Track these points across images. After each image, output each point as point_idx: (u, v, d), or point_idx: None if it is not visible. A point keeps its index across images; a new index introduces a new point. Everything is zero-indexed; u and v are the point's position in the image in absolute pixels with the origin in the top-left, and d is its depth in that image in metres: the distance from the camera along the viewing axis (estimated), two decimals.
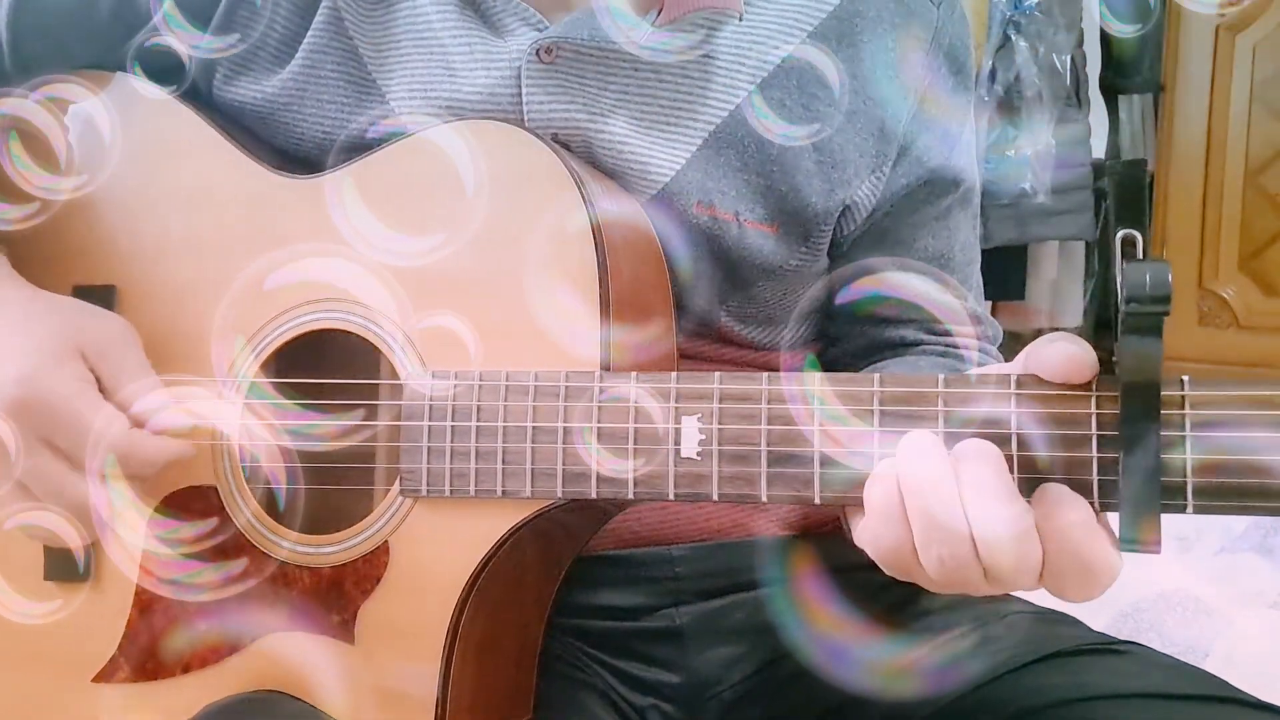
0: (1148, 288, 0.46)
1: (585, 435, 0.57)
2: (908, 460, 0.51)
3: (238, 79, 0.71)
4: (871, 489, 0.52)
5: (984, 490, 0.49)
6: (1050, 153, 2.50)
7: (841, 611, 0.68)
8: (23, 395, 0.58)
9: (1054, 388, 0.51)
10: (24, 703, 0.68)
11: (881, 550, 0.52)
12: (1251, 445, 0.47)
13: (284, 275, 0.66)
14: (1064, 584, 0.50)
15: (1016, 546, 0.49)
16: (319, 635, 0.63)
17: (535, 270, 0.61)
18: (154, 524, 0.66)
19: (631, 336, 0.62)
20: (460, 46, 0.68)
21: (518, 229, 0.61)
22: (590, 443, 0.57)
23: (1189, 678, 0.65)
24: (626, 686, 0.74)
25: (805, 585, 0.70)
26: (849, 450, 0.52)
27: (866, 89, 0.71)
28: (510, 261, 0.61)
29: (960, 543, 0.49)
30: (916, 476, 0.50)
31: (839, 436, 0.52)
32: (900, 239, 0.76)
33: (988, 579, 0.50)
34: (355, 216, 0.65)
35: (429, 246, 0.63)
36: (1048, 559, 0.49)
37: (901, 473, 0.51)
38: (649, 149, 0.68)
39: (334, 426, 0.65)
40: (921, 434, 0.51)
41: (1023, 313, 2.83)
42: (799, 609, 0.68)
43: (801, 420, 0.53)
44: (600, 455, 0.57)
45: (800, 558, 0.77)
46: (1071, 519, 0.49)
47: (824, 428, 0.52)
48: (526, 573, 0.65)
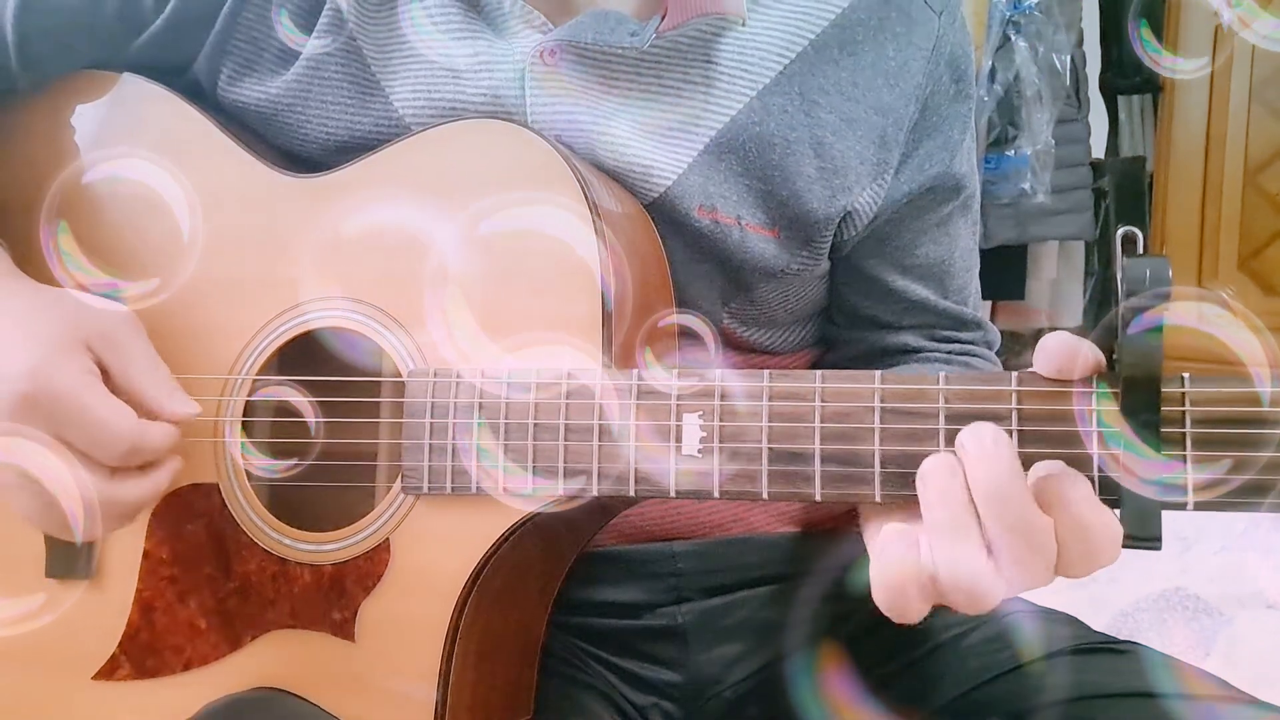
0: (1148, 283, 0.47)
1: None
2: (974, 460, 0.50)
3: (242, 80, 0.71)
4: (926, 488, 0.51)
5: (989, 479, 0.49)
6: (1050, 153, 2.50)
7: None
8: (30, 389, 0.58)
9: (1055, 384, 0.51)
10: (24, 700, 0.68)
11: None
12: (1251, 442, 0.48)
13: (287, 274, 0.66)
14: (1070, 556, 0.49)
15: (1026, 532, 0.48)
16: (320, 633, 0.63)
17: (538, 269, 0.61)
18: (156, 521, 0.66)
19: (633, 336, 0.62)
20: (464, 48, 0.69)
21: (521, 228, 0.61)
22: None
23: (1189, 678, 0.65)
24: (628, 685, 0.74)
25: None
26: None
27: (868, 97, 0.71)
28: (514, 260, 0.61)
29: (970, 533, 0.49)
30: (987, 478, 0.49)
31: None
32: (901, 245, 0.76)
33: (1000, 572, 0.49)
34: (359, 215, 0.65)
35: (430, 245, 0.63)
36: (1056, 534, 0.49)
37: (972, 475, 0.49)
38: (652, 153, 0.68)
39: (336, 424, 0.65)
40: (986, 430, 0.50)
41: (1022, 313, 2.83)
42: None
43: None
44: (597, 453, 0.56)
45: (801, 555, 0.77)
46: (1076, 494, 0.49)
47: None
48: (528, 571, 0.65)
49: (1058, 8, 2.53)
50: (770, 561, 0.76)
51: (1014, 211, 2.55)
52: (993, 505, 0.48)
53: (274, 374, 0.67)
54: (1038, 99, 2.46)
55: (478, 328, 0.61)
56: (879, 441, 0.53)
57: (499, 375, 0.60)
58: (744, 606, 0.75)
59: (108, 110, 0.72)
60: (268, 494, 0.66)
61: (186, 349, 0.66)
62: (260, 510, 0.65)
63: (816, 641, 0.74)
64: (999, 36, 2.46)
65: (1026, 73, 2.45)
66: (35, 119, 0.73)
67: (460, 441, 0.60)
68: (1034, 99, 2.46)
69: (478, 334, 0.61)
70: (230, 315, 0.67)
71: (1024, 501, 0.48)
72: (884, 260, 0.76)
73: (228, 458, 0.66)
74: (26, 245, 0.69)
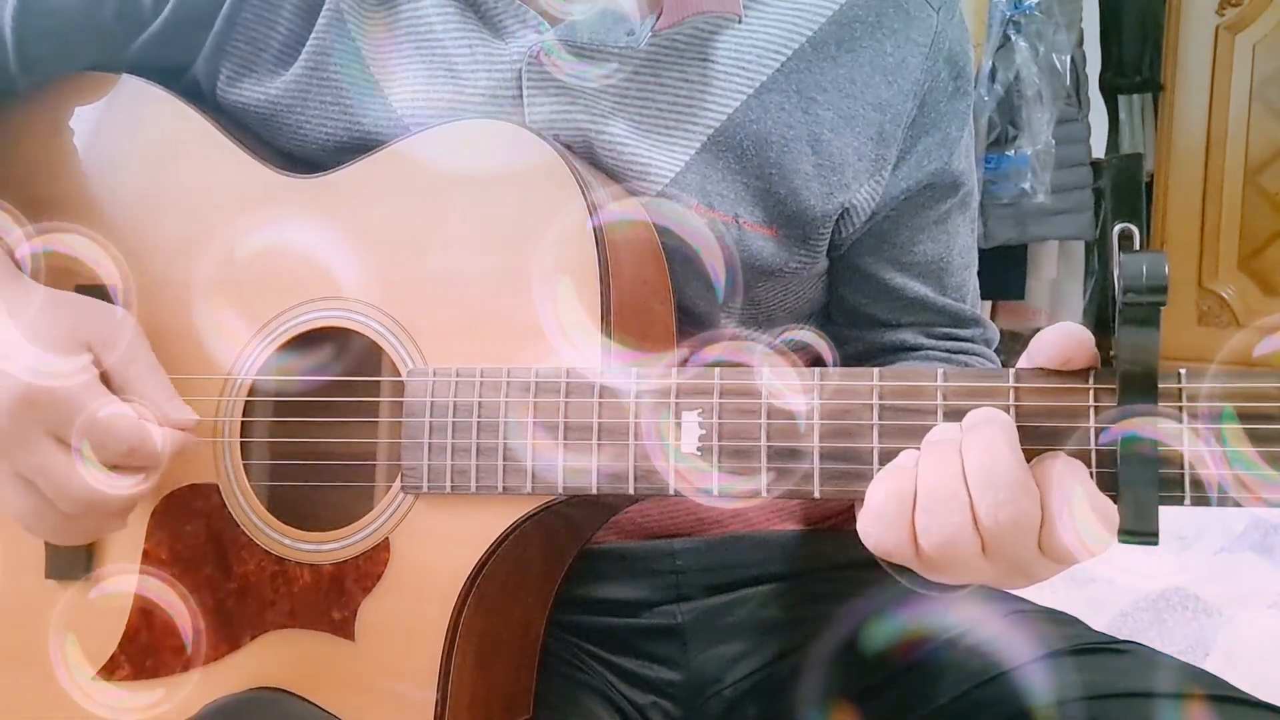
0: (1144, 278, 0.47)
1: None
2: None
3: (241, 81, 0.71)
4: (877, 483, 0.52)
5: (986, 448, 0.49)
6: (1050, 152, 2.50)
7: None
8: (29, 389, 0.58)
9: (1052, 380, 0.51)
10: (24, 701, 0.68)
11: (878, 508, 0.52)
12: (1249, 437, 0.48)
13: (286, 274, 0.66)
14: (1061, 540, 0.49)
15: (1014, 495, 0.48)
16: (319, 633, 0.63)
17: (537, 268, 0.61)
18: (155, 521, 0.66)
19: (632, 334, 0.62)
20: (461, 49, 0.69)
21: (520, 227, 0.61)
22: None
23: (1189, 678, 0.65)
24: (627, 684, 0.74)
25: None
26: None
27: (865, 94, 0.71)
28: (512, 259, 0.61)
29: (957, 502, 0.49)
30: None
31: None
32: (899, 242, 0.76)
33: (986, 552, 0.50)
34: (358, 215, 0.65)
35: (429, 244, 0.63)
36: (1045, 514, 0.49)
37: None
38: (649, 151, 0.68)
39: (335, 423, 0.65)
40: (990, 408, 0.51)
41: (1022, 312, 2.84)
42: None
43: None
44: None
45: (801, 553, 0.77)
46: (1072, 478, 0.49)
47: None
48: (528, 570, 0.65)
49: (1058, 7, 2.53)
50: (770, 559, 0.76)
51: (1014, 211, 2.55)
52: (982, 476, 0.49)
53: (273, 374, 0.67)
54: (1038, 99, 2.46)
55: (476, 327, 0.61)
56: (878, 438, 0.53)
57: (498, 374, 0.60)
58: (744, 605, 0.75)
59: (107, 111, 0.72)
60: (267, 494, 0.66)
61: (186, 349, 0.66)
62: (260, 510, 0.65)
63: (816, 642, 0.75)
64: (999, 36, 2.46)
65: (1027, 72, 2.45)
66: (35, 120, 0.73)
67: (460, 440, 0.60)
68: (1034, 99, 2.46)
69: (476, 333, 0.61)
70: (229, 316, 0.67)
71: (1016, 478, 0.48)
72: (882, 258, 0.76)
73: (227, 458, 0.66)
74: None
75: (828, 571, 0.77)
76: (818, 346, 0.75)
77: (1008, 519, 0.48)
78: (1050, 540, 0.49)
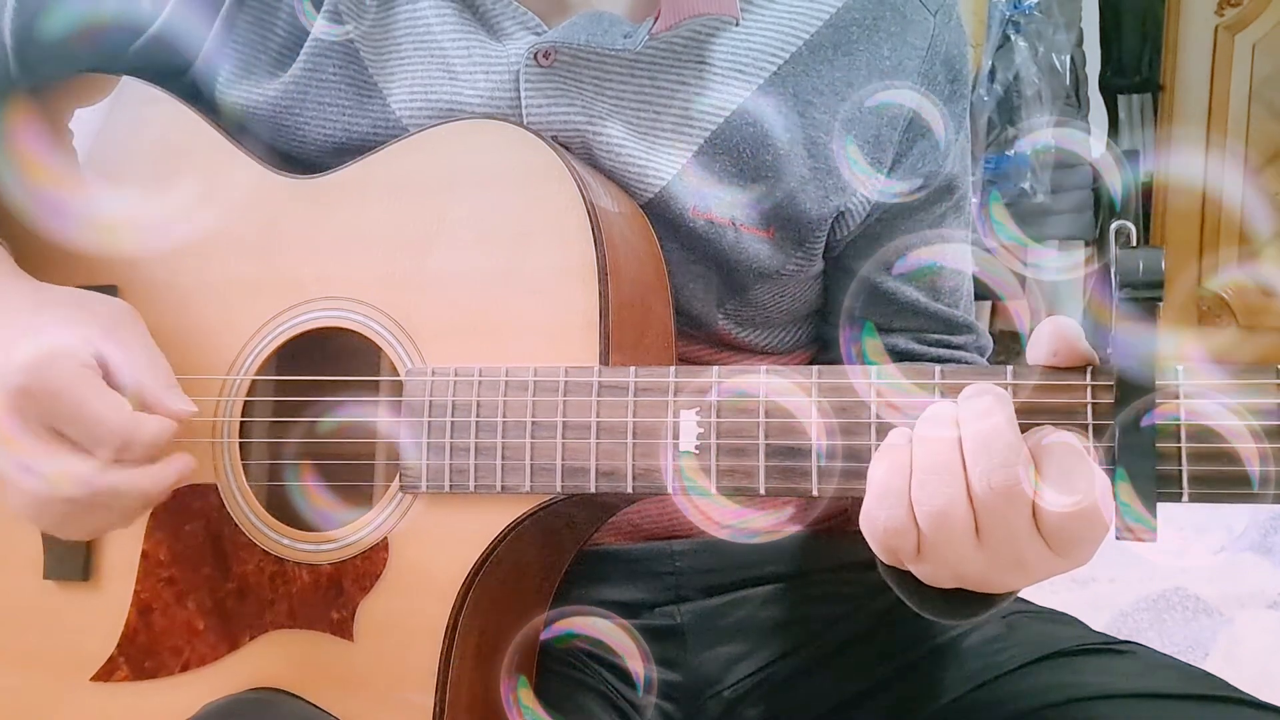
0: (1140, 274, 0.47)
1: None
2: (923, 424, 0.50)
3: (240, 82, 0.71)
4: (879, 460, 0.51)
5: (981, 416, 0.49)
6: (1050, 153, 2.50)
7: None
8: (26, 382, 0.58)
9: (1048, 377, 0.51)
10: (23, 702, 0.68)
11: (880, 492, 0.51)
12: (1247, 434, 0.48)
13: (285, 274, 0.66)
14: (1054, 511, 0.48)
15: (1008, 460, 0.48)
16: (318, 633, 0.63)
17: (536, 268, 0.61)
18: (154, 521, 0.66)
19: (630, 334, 0.62)
20: (459, 50, 0.69)
21: (518, 227, 0.62)
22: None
23: (1189, 678, 0.65)
24: (627, 685, 0.74)
25: None
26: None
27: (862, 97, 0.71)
28: (511, 259, 0.61)
29: (953, 475, 0.49)
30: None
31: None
32: (893, 246, 0.76)
33: (980, 531, 0.49)
34: (357, 215, 0.65)
35: (428, 244, 0.63)
36: (1040, 484, 0.49)
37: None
38: (646, 153, 0.69)
39: (334, 423, 0.65)
40: (988, 386, 0.50)
41: None
42: None
43: None
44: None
45: (800, 554, 0.77)
46: (1072, 457, 0.48)
47: None
48: (527, 569, 0.65)
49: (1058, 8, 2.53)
50: (769, 560, 0.76)
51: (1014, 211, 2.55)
52: (978, 441, 0.49)
53: (272, 374, 0.67)
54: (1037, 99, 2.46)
55: (475, 326, 0.61)
56: (875, 436, 0.53)
57: (496, 374, 0.60)
58: (743, 606, 0.75)
59: (107, 113, 0.72)
60: (266, 494, 0.66)
61: (185, 350, 0.66)
62: (258, 510, 0.65)
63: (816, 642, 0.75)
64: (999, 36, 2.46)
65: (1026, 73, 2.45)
66: (35, 121, 0.73)
67: (458, 440, 0.60)
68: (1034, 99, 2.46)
69: (475, 333, 0.61)
70: (228, 316, 0.67)
71: (1010, 443, 0.48)
72: (874, 261, 0.76)
73: (226, 458, 0.66)
74: (28, 247, 0.70)
75: (827, 572, 0.77)
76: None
77: (1000, 484, 0.48)
78: (1044, 515, 0.48)
